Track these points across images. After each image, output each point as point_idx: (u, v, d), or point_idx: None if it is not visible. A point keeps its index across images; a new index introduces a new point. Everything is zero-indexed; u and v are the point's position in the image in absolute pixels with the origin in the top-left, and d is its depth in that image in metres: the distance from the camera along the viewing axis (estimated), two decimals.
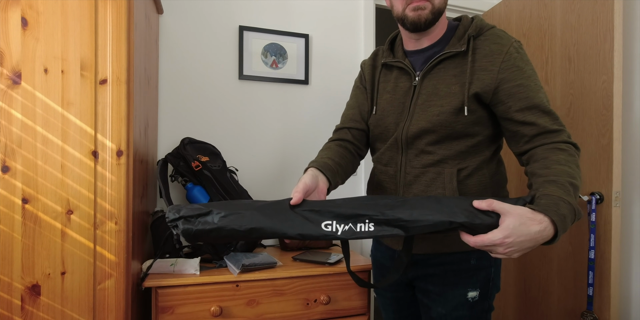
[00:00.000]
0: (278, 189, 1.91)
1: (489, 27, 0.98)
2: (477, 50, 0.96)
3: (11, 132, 1.00)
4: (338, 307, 1.43)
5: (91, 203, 1.05)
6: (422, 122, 0.98)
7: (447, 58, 0.98)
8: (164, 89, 1.76)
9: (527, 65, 0.93)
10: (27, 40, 1.01)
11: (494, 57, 0.93)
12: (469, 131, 0.96)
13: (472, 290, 0.99)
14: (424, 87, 1.00)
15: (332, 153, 1.05)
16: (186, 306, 1.27)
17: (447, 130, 0.96)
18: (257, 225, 0.75)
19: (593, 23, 1.60)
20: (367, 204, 0.79)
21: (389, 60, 1.08)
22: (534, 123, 0.90)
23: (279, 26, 1.92)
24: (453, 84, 0.96)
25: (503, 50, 0.93)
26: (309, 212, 0.78)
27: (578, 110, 1.66)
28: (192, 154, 1.59)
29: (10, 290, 1.01)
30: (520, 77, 0.91)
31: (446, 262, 1.00)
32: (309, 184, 0.87)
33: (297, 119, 1.95)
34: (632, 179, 1.69)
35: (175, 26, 1.77)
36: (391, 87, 1.07)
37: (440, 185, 0.97)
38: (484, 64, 0.94)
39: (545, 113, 0.90)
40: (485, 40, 0.96)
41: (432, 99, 0.98)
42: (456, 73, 0.96)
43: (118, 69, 1.06)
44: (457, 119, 0.95)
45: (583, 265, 1.61)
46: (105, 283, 1.06)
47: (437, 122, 0.96)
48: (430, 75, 0.99)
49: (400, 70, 1.06)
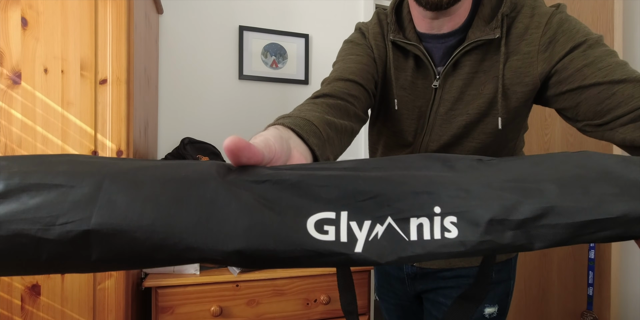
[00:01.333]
0: None
1: (522, 4, 0.70)
2: (512, 33, 0.69)
3: (11, 132, 1.00)
4: (338, 307, 1.43)
5: None
6: (445, 137, 0.77)
7: (473, 48, 0.71)
8: (164, 89, 1.76)
9: (576, 30, 0.65)
10: (27, 40, 1.01)
11: (530, 34, 0.68)
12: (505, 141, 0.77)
13: (490, 306, 0.88)
14: (446, 91, 0.74)
15: (319, 111, 0.60)
16: (186, 306, 1.27)
17: (478, 141, 0.75)
18: (116, 226, 0.27)
19: (593, 23, 1.60)
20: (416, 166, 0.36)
21: (399, 39, 0.75)
22: (626, 80, 0.59)
23: (279, 26, 1.92)
24: (482, 83, 0.72)
25: (542, 22, 0.67)
26: (270, 187, 0.31)
27: None
28: (192, 154, 1.59)
29: (10, 290, 1.01)
30: (571, 42, 0.64)
31: (462, 275, 0.88)
32: (273, 145, 0.39)
33: None
34: None
35: (175, 26, 1.77)
36: (408, 84, 0.78)
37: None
38: (521, 48, 0.68)
39: (623, 65, 0.61)
40: (520, 16, 0.69)
41: (457, 107, 0.74)
42: (485, 68, 0.71)
43: (118, 69, 1.06)
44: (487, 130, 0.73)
45: (583, 265, 1.61)
46: (105, 283, 1.06)
47: (460, 134, 0.75)
48: (454, 74, 0.73)
49: (417, 59, 0.76)
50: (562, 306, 1.71)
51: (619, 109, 0.59)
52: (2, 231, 0.26)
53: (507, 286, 0.90)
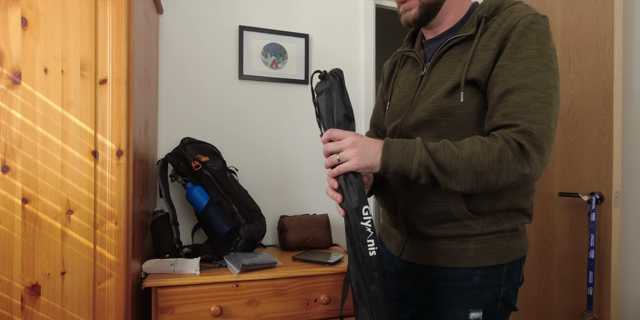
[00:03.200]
0: (278, 189, 1.91)
1: (508, 5, 0.85)
2: (487, 31, 0.83)
3: (11, 132, 1.01)
4: (338, 307, 1.43)
5: (91, 203, 1.05)
6: (420, 112, 0.89)
7: (455, 44, 0.88)
8: (164, 89, 1.76)
9: (531, 43, 0.78)
10: (27, 40, 1.01)
11: (497, 34, 0.81)
12: (474, 122, 0.84)
13: (475, 311, 0.87)
14: (430, 77, 0.91)
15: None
16: (186, 306, 1.27)
17: (447, 119, 0.85)
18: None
19: (593, 23, 1.60)
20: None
21: (404, 50, 1.01)
22: (495, 111, 0.78)
23: (279, 26, 1.92)
24: (455, 68, 0.86)
25: (511, 24, 0.79)
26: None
27: (578, 110, 1.66)
28: (192, 154, 1.59)
29: (10, 290, 1.01)
30: (508, 57, 0.78)
31: (448, 277, 0.89)
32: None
33: (297, 119, 1.95)
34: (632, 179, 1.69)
35: (175, 26, 1.77)
36: (402, 81, 1.00)
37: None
38: (486, 43, 0.82)
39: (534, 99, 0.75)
40: (498, 19, 0.83)
41: (434, 88, 0.89)
42: (461, 58, 0.86)
43: (118, 69, 1.06)
44: (452, 103, 0.84)
45: (583, 265, 1.61)
46: (105, 283, 1.06)
47: (433, 109, 0.86)
48: (437, 64, 0.91)
49: (413, 61, 1.00)
50: (562, 306, 1.71)
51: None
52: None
53: (495, 292, 0.88)
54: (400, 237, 0.99)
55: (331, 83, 0.83)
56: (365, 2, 2.05)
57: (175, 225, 1.50)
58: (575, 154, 1.67)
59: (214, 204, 1.52)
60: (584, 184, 1.63)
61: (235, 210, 1.53)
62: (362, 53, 2.06)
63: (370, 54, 2.06)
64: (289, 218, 1.76)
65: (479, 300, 0.87)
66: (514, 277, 0.90)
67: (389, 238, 1.04)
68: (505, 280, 0.89)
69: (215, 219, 1.52)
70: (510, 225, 0.88)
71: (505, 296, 0.89)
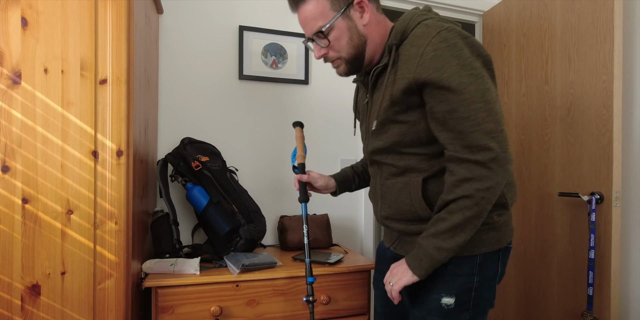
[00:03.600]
0: (278, 189, 1.91)
1: (413, 27, 0.92)
2: (400, 58, 0.91)
3: (11, 132, 1.01)
4: (338, 307, 1.43)
5: (91, 203, 1.05)
6: (375, 141, 1.00)
7: (380, 72, 0.97)
8: (164, 89, 1.76)
9: (449, 62, 0.83)
10: (27, 40, 1.01)
11: (410, 62, 0.88)
12: (424, 140, 0.93)
13: (447, 296, 0.93)
14: (371, 103, 1.02)
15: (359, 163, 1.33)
16: (186, 306, 1.27)
17: (401, 144, 0.96)
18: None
19: (593, 23, 1.60)
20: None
21: (356, 78, 1.12)
22: (452, 131, 0.86)
23: (279, 26, 1.92)
24: (385, 96, 0.95)
25: (419, 53, 0.86)
26: None
27: (578, 110, 1.66)
28: (192, 154, 1.59)
29: (10, 290, 1.01)
30: (438, 81, 0.84)
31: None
32: (318, 179, 1.23)
33: (297, 119, 1.95)
34: (632, 179, 1.69)
35: (175, 26, 1.77)
36: (360, 108, 1.12)
37: (407, 195, 0.97)
38: (403, 72, 0.89)
39: (464, 119, 0.84)
40: (407, 44, 0.91)
41: (372, 115, 1.00)
42: (386, 85, 0.94)
43: (118, 69, 1.06)
44: (409, 133, 0.94)
45: (583, 265, 1.61)
46: (105, 283, 1.06)
47: (386, 139, 0.97)
48: (375, 92, 1.00)
49: (364, 87, 1.08)
50: (562, 306, 1.71)
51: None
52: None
53: (468, 280, 0.94)
54: (395, 232, 1.08)
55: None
56: None
57: (175, 225, 1.50)
58: (575, 154, 1.67)
59: (214, 204, 1.52)
60: (584, 184, 1.63)
61: (235, 210, 1.53)
62: None
63: None
64: (289, 218, 1.76)
65: (451, 286, 0.94)
66: (488, 269, 0.95)
67: (387, 231, 1.15)
68: (479, 270, 0.94)
69: (215, 219, 1.52)
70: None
71: (478, 286, 0.94)
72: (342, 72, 1.01)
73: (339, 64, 1.00)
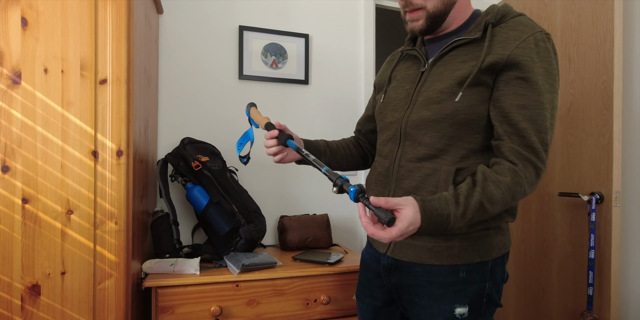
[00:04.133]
0: (278, 189, 1.91)
1: (514, 15, 0.89)
2: (495, 37, 0.87)
3: (11, 132, 1.01)
4: (338, 307, 1.43)
5: (91, 203, 1.05)
6: (423, 111, 0.91)
7: (460, 45, 0.91)
8: (164, 89, 1.76)
9: (542, 61, 0.83)
10: (27, 40, 1.01)
11: (509, 42, 0.84)
12: (477, 127, 0.88)
13: (460, 306, 0.88)
14: (431, 74, 0.93)
15: (335, 140, 1.20)
16: (186, 306, 1.27)
17: (450, 121, 0.87)
18: None
19: (593, 23, 1.60)
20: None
21: (406, 48, 1.03)
22: (514, 126, 0.82)
23: (279, 26, 1.92)
24: (459, 69, 0.88)
25: (521, 37, 0.84)
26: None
27: (578, 110, 1.66)
28: (192, 154, 1.59)
29: (10, 290, 1.01)
30: (527, 71, 0.82)
31: (432, 273, 0.91)
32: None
33: (297, 119, 1.95)
34: (632, 179, 1.69)
35: (175, 26, 1.77)
36: (401, 76, 1.02)
37: (434, 183, 0.88)
38: (496, 49, 0.85)
39: (533, 121, 0.82)
40: (506, 27, 0.87)
41: (434, 85, 0.91)
42: (465, 59, 0.88)
43: (118, 69, 1.06)
44: (456, 105, 0.87)
45: (583, 265, 1.61)
46: (105, 283, 1.06)
47: (438, 110, 0.88)
48: (439, 63, 0.93)
49: (414, 58, 1.01)
50: (562, 306, 1.71)
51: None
52: None
53: (480, 287, 0.90)
54: None
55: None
56: (365, 2, 2.05)
57: (175, 225, 1.50)
58: (575, 154, 1.67)
59: (214, 204, 1.52)
60: (584, 184, 1.63)
61: (235, 210, 1.53)
62: (362, 53, 2.06)
63: (370, 54, 2.06)
64: (289, 218, 1.75)
65: (464, 295, 0.89)
66: (498, 274, 0.93)
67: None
68: (490, 276, 0.91)
69: (215, 219, 1.52)
70: (494, 223, 0.91)
71: (490, 292, 0.91)
72: (417, 27, 0.92)
73: (419, 16, 0.91)
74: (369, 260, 1.06)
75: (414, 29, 0.93)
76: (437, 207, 0.76)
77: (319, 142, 1.14)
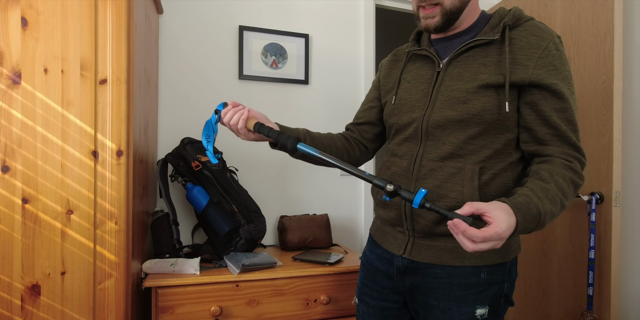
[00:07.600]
0: (278, 189, 1.91)
1: (527, 18, 0.91)
2: (514, 41, 0.88)
3: (11, 132, 1.01)
4: (338, 307, 1.43)
5: (91, 203, 1.05)
6: (446, 111, 0.90)
7: (477, 46, 0.91)
8: (164, 89, 1.76)
9: (564, 66, 0.87)
10: (27, 40, 1.01)
11: (531, 51, 0.86)
12: (502, 127, 0.89)
13: (481, 307, 0.88)
14: (448, 73, 0.92)
15: (320, 133, 1.11)
16: (186, 306, 1.27)
17: (477, 120, 0.88)
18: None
19: (593, 23, 1.60)
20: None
21: (414, 49, 1.01)
22: (556, 128, 0.86)
23: (279, 26, 1.92)
24: (482, 72, 0.88)
25: (542, 45, 0.86)
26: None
27: (578, 110, 1.67)
28: (192, 154, 1.59)
29: (10, 290, 1.01)
30: (555, 78, 0.85)
31: (454, 274, 0.90)
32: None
33: (297, 119, 1.95)
34: (632, 179, 1.69)
35: (175, 26, 1.77)
36: (412, 77, 1.01)
37: (458, 182, 0.88)
38: (519, 57, 0.86)
39: (569, 122, 0.87)
40: (524, 31, 0.88)
41: (456, 84, 0.90)
42: (486, 62, 0.88)
43: (118, 69, 1.06)
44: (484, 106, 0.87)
45: (583, 265, 1.61)
46: (105, 283, 1.06)
47: (464, 110, 0.88)
48: (456, 63, 0.92)
49: (425, 58, 1.00)
50: (562, 306, 1.71)
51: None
52: None
53: (500, 288, 0.91)
54: (401, 236, 0.97)
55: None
56: (365, 2, 2.05)
57: (175, 225, 1.50)
58: None
59: (214, 204, 1.52)
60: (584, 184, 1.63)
61: (235, 210, 1.53)
62: (362, 53, 2.06)
63: (370, 53, 2.06)
64: (289, 218, 1.76)
65: (484, 296, 0.89)
66: (513, 273, 0.94)
67: (386, 238, 1.02)
68: (508, 276, 0.92)
69: (215, 219, 1.52)
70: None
71: (507, 292, 0.92)
72: (432, 24, 0.91)
73: (435, 13, 0.90)
74: (377, 262, 1.03)
75: (428, 26, 0.92)
76: (524, 203, 0.75)
77: (299, 130, 1.06)
